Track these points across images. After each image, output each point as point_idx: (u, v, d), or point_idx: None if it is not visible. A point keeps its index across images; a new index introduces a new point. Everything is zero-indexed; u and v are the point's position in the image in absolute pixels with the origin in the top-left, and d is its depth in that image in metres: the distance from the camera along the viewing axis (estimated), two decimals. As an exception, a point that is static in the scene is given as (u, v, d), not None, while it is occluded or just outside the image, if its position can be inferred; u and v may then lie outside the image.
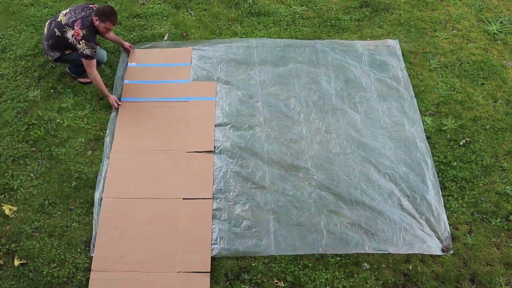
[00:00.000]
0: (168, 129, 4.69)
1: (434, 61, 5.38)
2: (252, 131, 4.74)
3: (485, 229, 4.23)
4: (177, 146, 4.59)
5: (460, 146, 4.72)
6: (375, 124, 4.83)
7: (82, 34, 4.50)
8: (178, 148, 4.57)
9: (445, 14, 5.88)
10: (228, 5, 5.90)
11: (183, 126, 4.71)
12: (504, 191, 4.44)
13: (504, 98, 5.11)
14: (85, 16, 4.56)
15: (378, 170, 4.51)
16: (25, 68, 5.19)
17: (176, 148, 4.57)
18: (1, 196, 4.30)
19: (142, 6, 5.86)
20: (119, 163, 4.46)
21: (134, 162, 4.47)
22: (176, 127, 4.71)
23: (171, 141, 4.63)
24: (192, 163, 4.49)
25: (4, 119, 4.78)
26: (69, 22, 4.56)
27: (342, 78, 5.18)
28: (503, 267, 4.03)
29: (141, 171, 4.42)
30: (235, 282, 3.89)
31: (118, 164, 4.45)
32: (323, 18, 5.79)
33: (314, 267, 3.97)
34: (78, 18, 4.55)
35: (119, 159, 4.49)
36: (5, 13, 5.73)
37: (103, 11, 4.52)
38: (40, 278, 3.87)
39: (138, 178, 4.37)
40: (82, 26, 4.51)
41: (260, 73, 5.20)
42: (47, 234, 4.09)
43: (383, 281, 3.93)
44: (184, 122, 4.74)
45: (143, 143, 4.60)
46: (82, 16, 4.56)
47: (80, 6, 4.68)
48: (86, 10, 4.62)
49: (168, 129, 4.69)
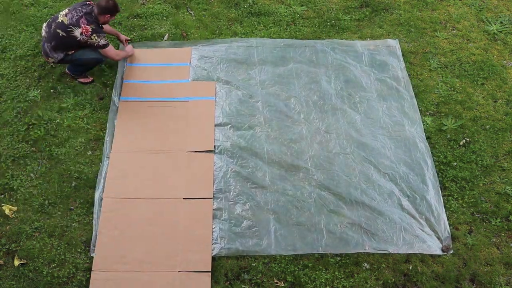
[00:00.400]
0: (168, 129, 4.69)
1: (434, 61, 5.38)
2: (252, 131, 4.74)
3: (485, 229, 4.23)
4: (177, 146, 4.59)
5: (460, 146, 4.72)
6: (375, 124, 4.83)
7: (91, 29, 4.63)
8: (178, 148, 4.57)
9: (445, 14, 5.88)
10: (228, 5, 5.90)
11: (183, 126, 4.71)
12: (504, 191, 4.44)
13: (504, 98, 5.11)
14: (88, 13, 4.66)
15: (378, 170, 4.51)
16: (25, 68, 5.19)
17: (176, 148, 4.57)
18: (1, 196, 4.30)
19: (142, 6, 5.85)
20: (119, 163, 4.46)
21: (134, 162, 4.47)
22: (176, 127, 4.71)
23: (171, 141, 4.62)
24: (192, 163, 4.49)
25: (4, 119, 4.78)
26: (72, 21, 4.62)
27: (342, 78, 5.18)
28: (503, 267, 4.03)
29: (141, 171, 4.42)
30: (235, 282, 3.89)
31: (118, 164, 4.45)
32: (323, 18, 5.79)
33: (314, 267, 3.97)
34: (81, 15, 4.64)
35: (119, 159, 4.48)
36: (5, 13, 5.73)
37: (106, 6, 4.67)
38: (40, 278, 3.87)
39: (138, 178, 4.37)
40: (88, 22, 4.63)
41: (260, 73, 5.20)
42: (47, 234, 4.09)
43: (383, 281, 3.93)
44: (184, 122, 4.74)
45: (143, 143, 4.59)
46: (84, 12, 4.65)
47: (78, 5, 4.74)
48: (85, 7, 4.70)
49: (168, 129, 4.69)
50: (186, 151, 4.56)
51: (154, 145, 4.59)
